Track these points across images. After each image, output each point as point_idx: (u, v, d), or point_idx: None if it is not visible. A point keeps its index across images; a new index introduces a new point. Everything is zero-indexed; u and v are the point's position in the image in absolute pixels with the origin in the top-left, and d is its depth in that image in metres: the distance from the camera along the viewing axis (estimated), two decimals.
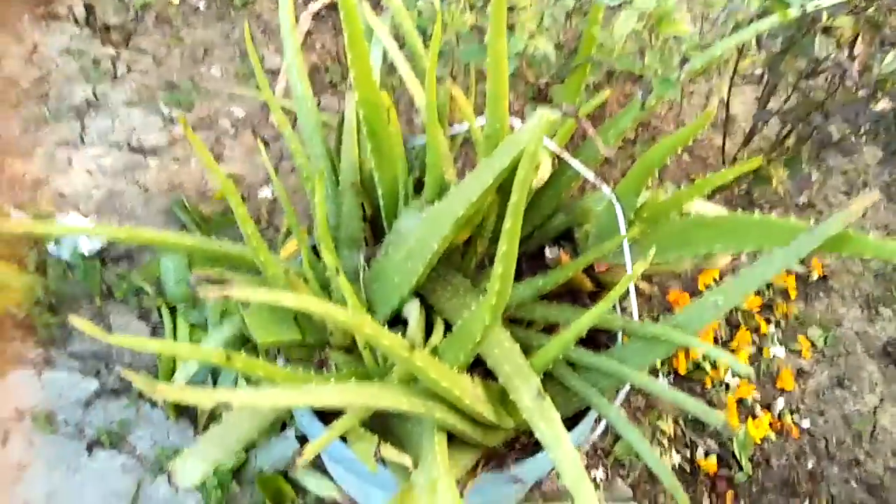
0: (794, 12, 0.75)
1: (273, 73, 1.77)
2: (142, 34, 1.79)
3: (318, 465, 1.28)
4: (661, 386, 0.84)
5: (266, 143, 1.70)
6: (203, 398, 0.52)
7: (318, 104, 1.75)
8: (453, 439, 0.89)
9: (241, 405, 0.53)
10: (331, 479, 1.26)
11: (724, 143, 1.47)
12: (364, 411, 0.74)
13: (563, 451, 0.76)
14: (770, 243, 0.79)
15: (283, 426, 1.31)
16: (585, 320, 0.78)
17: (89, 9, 1.80)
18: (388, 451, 0.79)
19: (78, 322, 0.57)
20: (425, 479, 0.71)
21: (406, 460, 0.74)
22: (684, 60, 0.75)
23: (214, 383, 1.34)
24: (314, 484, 1.26)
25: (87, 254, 1.46)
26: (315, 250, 1.06)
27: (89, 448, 1.27)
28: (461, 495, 0.83)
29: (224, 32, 1.80)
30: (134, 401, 1.33)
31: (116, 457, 1.26)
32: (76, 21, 1.79)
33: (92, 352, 1.40)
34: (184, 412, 1.32)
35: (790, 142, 1.15)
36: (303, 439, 1.29)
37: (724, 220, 0.86)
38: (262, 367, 0.65)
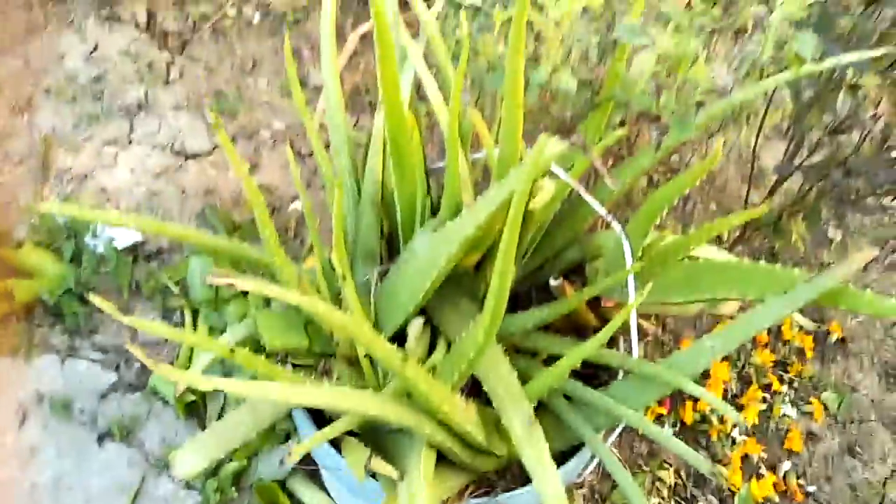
0: (808, 66, 0.76)
1: (317, 90, 1.84)
2: (197, 43, 1.88)
3: (315, 478, 1.30)
4: (652, 428, 0.85)
5: (302, 158, 1.76)
6: (200, 382, 0.55)
7: (356, 123, 1.81)
8: (444, 460, 0.90)
9: (235, 393, 0.55)
10: (327, 492, 1.28)
11: (747, 196, 1.48)
12: (355, 419, 0.76)
13: (546, 479, 0.77)
14: (772, 291, 0.80)
15: (287, 437, 1.33)
16: (581, 351, 0.79)
17: (151, 15, 1.90)
18: (378, 464, 0.81)
19: (98, 301, 0.61)
20: (407, 492, 0.72)
21: (393, 472, 0.76)
22: (700, 103, 0.77)
23: None
24: (309, 496, 1.27)
25: (120, 248, 1.52)
26: (332, 264, 1.10)
27: (100, 439, 1.31)
28: None
29: (274, 47, 1.88)
30: (148, 397, 1.37)
31: (125, 450, 1.30)
32: (137, 25, 1.88)
33: (114, 345, 1.45)
34: (193, 413, 1.35)
35: (811, 197, 1.15)
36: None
37: (729, 266, 0.87)
38: (263, 364, 0.68)
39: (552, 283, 0.90)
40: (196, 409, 1.34)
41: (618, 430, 0.93)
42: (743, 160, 1.87)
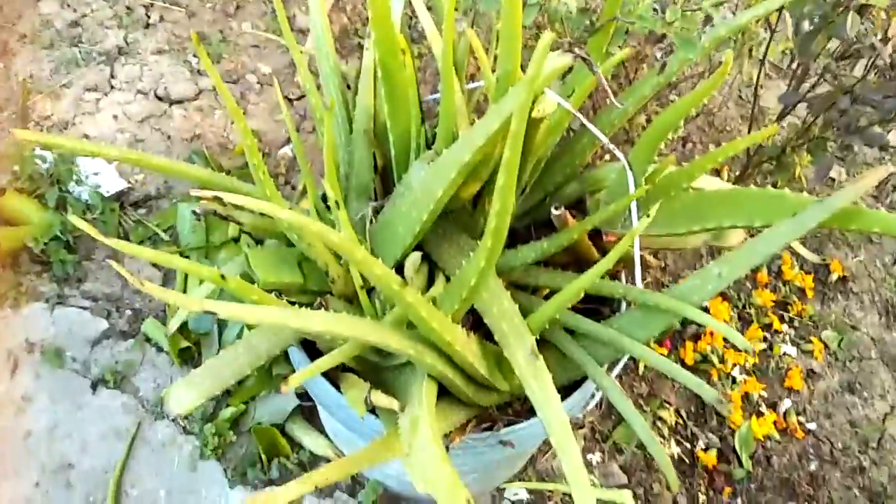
0: None
1: (303, 34, 1.78)
2: None
3: (313, 421, 1.29)
4: (657, 357, 0.83)
5: (290, 101, 1.71)
6: (190, 303, 0.52)
7: (346, 63, 1.75)
8: (445, 395, 0.88)
9: (229, 316, 0.53)
10: (326, 436, 1.27)
11: (749, 131, 1.44)
12: (353, 349, 0.73)
13: (552, 410, 0.75)
14: (780, 218, 0.77)
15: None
16: (583, 279, 0.76)
17: None
18: (378, 397, 0.79)
19: (79, 222, 0.57)
20: (409, 419, 0.71)
21: (394, 404, 0.74)
22: (707, 18, 0.73)
23: (220, 335, 1.35)
24: (309, 440, 1.26)
25: (106, 195, 1.48)
26: (324, 200, 1.06)
27: (94, 386, 1.29)
28: (447, 449, 0.82)
29: None
30: (140, 344, 1.34)
31: (119, 396, 1.28)
32: None
33: (104, 293, 1.42)
34: (187, 360, 1.33)
35: (816, 129, 1.12)
36: (301, 396, 1.29)
37: (734, 193, 0.84)
38: (256, 292, 0.65)
39: (553, 212, 0.87)
40: (190, 355, 1.32)
41: (621, 363, 0.91)
42: (743, 100, 1.83)
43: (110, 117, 1.62)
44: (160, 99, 1.68)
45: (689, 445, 1.34)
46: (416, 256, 0.83)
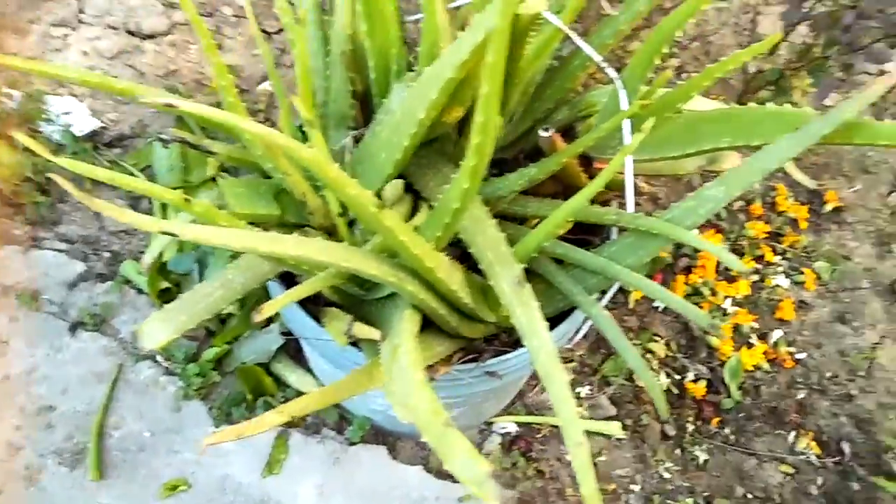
0: None
1: None
2: None
3: (299, 361, 1.27)
4: (646, 282, 0.80)
5: (269, 35, 1.63)
6: (150, 225, 0.48)
7: None
8: (432, 327, 0.86)
9: (191, 237, 0.49)
10: (313, 375, 1.25)
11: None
12: (331, 277, 0.70)
13: (538, 339, 0.73)
14: (781, 135, 0.73)
15: (269, 322, 1.29)
16: (572, 203, 0.73)
17: None
18: (360, 328, 0.76)
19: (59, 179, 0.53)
20: (389, 347, 0.68)
21: (374, 334, 0.72)
22: None
23: (201, 275, 1.32)
24: (295, 378, 1.25)
25: (78, 135, 1.43)
26: (301, 130, 1.01)
27: (72, 328, 1.26)
28: (431, 381, 0.80)
29: None
30: (119, 286, 1.31)
31: (99, 339, 1.25)
32: None
33: (80, 235, 1.38)
34: (168, 300, 1.29)
35: (817, 51, 1.07)
36: (286, 334, 1.27)
37: (730, 112, 0.80)
38: (224, 217, 0.62)
39: (542, 134, 0.83)
40: (171, 296, 1.29)
41: (611, 292, 0.89)
42: (740, 27, 1.77)
43: (80, 53, 1.55)
44: (132, 34, 1.60)
45: (678, 377, 1.33)
46: (396, 184, 0.79)
